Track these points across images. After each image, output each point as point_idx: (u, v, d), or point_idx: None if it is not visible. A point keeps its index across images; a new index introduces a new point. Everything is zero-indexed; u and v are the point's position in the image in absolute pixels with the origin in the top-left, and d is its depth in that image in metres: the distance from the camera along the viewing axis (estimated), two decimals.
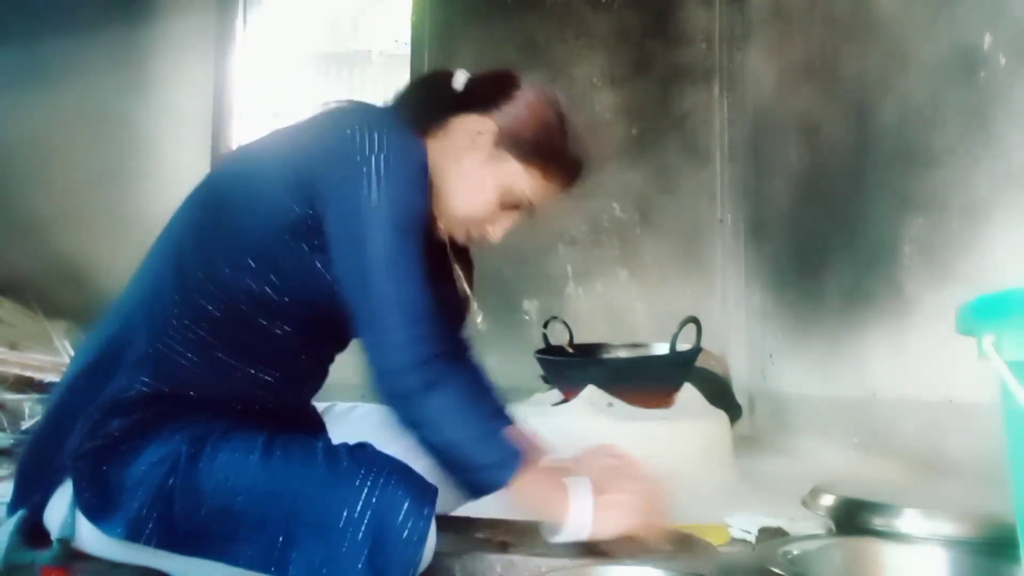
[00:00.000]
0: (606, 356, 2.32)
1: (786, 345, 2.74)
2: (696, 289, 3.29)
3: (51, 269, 3.02)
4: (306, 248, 1.03)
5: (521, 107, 1.12)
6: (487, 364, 1.28)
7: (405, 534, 0.90)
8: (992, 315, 0.77)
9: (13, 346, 2.47)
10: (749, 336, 3.07)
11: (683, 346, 2.05)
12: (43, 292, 2.85)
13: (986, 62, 1.65)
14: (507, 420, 1.13)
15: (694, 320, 2.05)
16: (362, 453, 0.98)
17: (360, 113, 1.07)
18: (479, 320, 1.31)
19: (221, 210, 1.08)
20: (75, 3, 3.25)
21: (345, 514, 0.91)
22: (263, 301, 1.05)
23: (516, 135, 1.11)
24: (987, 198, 1.66)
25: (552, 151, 1.13)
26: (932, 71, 1.86)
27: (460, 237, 1.17)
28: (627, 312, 3.29)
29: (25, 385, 2.35)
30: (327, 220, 1.01)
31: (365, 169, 1.00)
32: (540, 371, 2.25)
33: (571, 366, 2.19)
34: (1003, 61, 1.61)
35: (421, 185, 1.04)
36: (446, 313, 1.21)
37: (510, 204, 1.15)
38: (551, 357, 2.23)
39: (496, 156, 1.12)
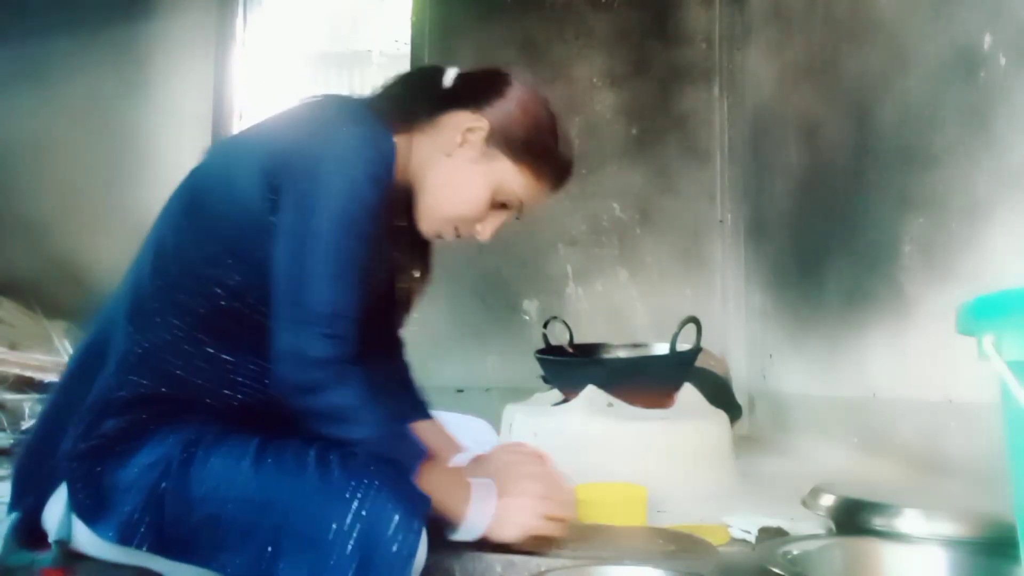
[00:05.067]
0: (606, 356, 2.32)
1: (786, 345, 2.74)
2: (696, 289, 3.29)
3: (51, 269, 3.02)
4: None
5: (513, 105, 1.11)
6: (487, 364, 1.29)
7: (395, 548, 0.89)
8: (992, 315, 0.77)
9: (13, 346, 2.47)
10: (749, 336, 3.07)
11: (683, 346, 2.05)
12: (43, 292, 2.84)
13: (986, 62, 1.65)
14: (420, 417, 1.15)
15: (694, 320, 2.05)
16: (354, 462, 0.96)
17: (327, 107, 1.07)
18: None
19: (197, 205, 1.07)
20: (75, 3, 3.25)
21: (334, 527, 0.90)
22: (238, 293, 1.04)
23: (508, 133, 1.10)
24: (987, 198, 1.66)
25: (544, 150, 1.13)
26: (932, 71, 1.86)
27: (448, 235, 1.16)
28: (627, 312, 3.28)
29: (25, 385, 2.35)
30: (280, 207, 1.00)
31: (322, 162, 0.99)
32: (540, 371, 2.25)
33: (571, 366, 2.19)
34: (1003, 61, 1.61)
35: (379, 180, 1.02)
36: (383, 307, 1.22)
37: (499, 203, 1.14)
38: (551, 357, 2.22)
39: (487, 154, 1.11)
